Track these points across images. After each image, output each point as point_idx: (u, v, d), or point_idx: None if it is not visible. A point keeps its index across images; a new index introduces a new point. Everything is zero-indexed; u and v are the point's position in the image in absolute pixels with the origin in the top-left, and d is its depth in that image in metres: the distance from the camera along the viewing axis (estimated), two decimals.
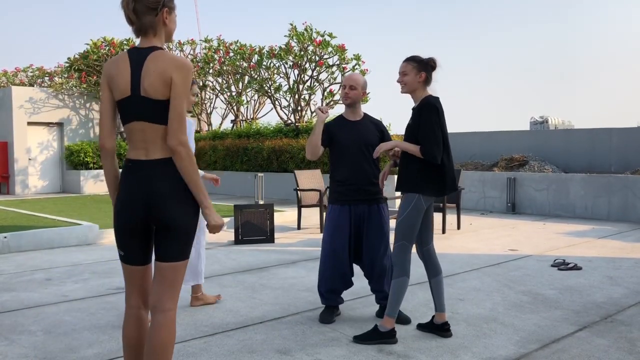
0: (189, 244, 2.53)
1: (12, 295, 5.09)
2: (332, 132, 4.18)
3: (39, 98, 17.07)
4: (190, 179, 2.45)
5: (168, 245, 2.48)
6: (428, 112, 3.61)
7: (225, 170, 16.49)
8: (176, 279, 2.52)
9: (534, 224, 9.70)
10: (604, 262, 6.34)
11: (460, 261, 6.44)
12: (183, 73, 2.43)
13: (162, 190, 2.44)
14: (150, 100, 2.43)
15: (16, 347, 3.73)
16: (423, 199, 3.68)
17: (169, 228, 2.45)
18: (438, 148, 3.59)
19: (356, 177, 4.14)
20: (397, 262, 3.71)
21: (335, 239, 4.15)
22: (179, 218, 2.45)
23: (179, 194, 2.46)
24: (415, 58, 3.73)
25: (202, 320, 4.26)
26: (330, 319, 4.17)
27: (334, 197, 4.22)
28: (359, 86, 4.16)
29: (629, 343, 3.72)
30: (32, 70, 20.28)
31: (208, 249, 7.35)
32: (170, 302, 2.51)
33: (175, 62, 2.43)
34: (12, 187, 16.69)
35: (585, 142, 12.73)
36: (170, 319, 2.50)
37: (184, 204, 2.47)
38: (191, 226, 2.51)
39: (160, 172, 2.45)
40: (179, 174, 2.46)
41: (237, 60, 18.23)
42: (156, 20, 2.52)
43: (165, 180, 2.45)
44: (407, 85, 3.74)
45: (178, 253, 2.49)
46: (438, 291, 3.87)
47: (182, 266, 2.53)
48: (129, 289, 2.62)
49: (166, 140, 2.45)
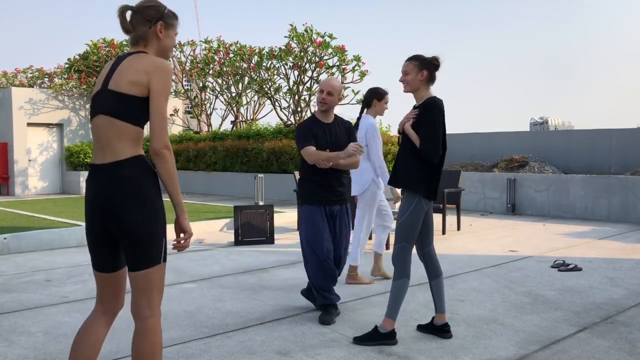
0: (157, 249, 2.44)
1: (11, 296, 5.08)
2: (313, 133, 4.27)
3: (39, 99, 17.07)
4: (172, 183, 2.41)
5: (134, 253, 2.40)
6: (433, 111, 3.62)
7: (225, 171, 16.49)
8: (150, 285, 2.44)
9: (534, 224, 9.70)
10: (604, 263, 6.34)
11: (460, 262, 6.44)
12: (164, 74, 2.39)
13: (119, 195, 2.36)
14: (118, 93, 2.38)
15: (16, 348, 3.73)
16: (424, 200, 3.68)
17: (130, 235, 2.37)
18: (437, 149, 3.60)
19: (330, 179, 4.30)
20: (397, 263, 3.70)
21: (322, 239, 4.25)
22: (139, 224, 2.37)
23: (137, 198, 2.38)
24: (417, 57, 3.73)
25: (202, 321, 4.26)
26: (330, 320, 4.17)
27: (310, 198, 4.31)
28: (336, 92, 4.28)
29: (629, 344, 3.71)
30: (32, 71, 20.28)
31: (207, 250, 7.35)
32: (147, 309, 2.44)
33: (155, 63, 2.39)
34: (12, 188, 16.68)
35: (585, 143, 12.74)
36: (149, 326, 2.44)
37: (143, 208, 2.38)
38: (154, 231, 2.42)
39: (117, 176, 2.37)
40: (137, 177, 2.38)
41: (237, 61, 18.23)
42: (149, 32, 2.50)
43: (122, 185, 2.37)
44: (408, 85, 3.75)
45: (146, 260, 2.41)
46: (438, 293, 3.87)
47: (155, 272, 2.44)
48: (97, 296, 2.58)
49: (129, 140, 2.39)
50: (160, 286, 2.49)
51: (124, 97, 2.38)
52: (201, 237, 8.43)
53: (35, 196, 16.16)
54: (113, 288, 2.56)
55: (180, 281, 5.60)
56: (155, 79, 2.37)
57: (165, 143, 2.36)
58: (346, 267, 5.85)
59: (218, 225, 9.22)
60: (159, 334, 2.46)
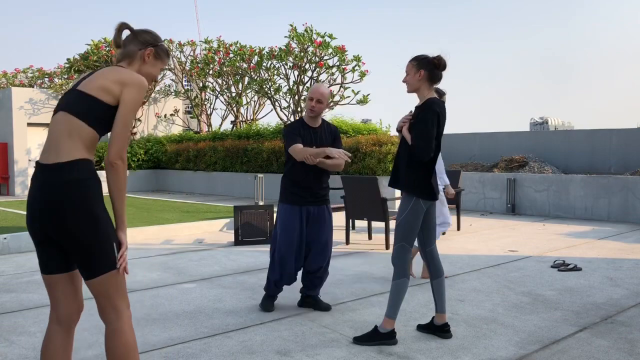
0: (106, 256, 2.33)
1: (11, 296, 5.08)
2: (300, 135, 4.37)
3: (39, 99, 17.07)
4: (120, 195, 2.35)
5: (82, 262, 2.31)
6: (428, 112, 3.61)
7: (225, 171, 16.49)
8: (107, 290, 2.36)
9: (534, 224, 9.70)
10: (604, 263, 6.34)
11: (460, 262, 6.44)
12: (137, 88, 2.37)
13: (58, 200, 2.25)
14: (84, 94, 2.34)
15: (16, 348, 3.73)
16: (422, 201, 3.68)
17: (72, 244, 2.28)
18: (428, 146, 3.58)
19: (310, 181, 4.36)
20: (397, 263, 3.70)
21: (292, 239, 4.35)
22: (79, 232, 2.26)
23: (77, 203, 2.26)
24: (417, 57, 3.73)
25: (202, 321, 4.26)
26: (270, 308, 4.51)
27: (288, 198, 4.40)
28: (325, 100, 4.38)
29: (629, 344, 3.71)
30: (32, 71, 20.29)
31: (207, 250, 7.35)
32: (111, 313, 2.39)
33: (132, 76, 2.38)
34: (12, 188, 16.68)
35: (585, 143, 12.74)
36: (118, 329, 2.38)
37: (84, 213, 2.27)
38: (98, 239, 2.30)
39: (58, 178, 2.27)
40: (78, 180, 2.29)
41: (237, 62, 18.23)
42: (137, 53, 2.53)
43: (61, 188, 2.26)
44: (408, 85, 3.75)
45: (96, 269, 2.31)
46: (439, 292, 3.88)
47: (109, 278, 2.35)
48: (51, 306, 2.49)
49: (80, 141, 2.32)
50: (121, 289, 2.40)
51: (89, 98, 2.35)
52: (201, 237, 8.43)
53: None
54: (65, 292, 2.45)
55: (180, 281, 5.60)
56: (128, 91, 2.36)
57: (120, 154, 2.32)
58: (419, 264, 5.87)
59: (218, 225, 9.23)
60: (130, 334, 2.41)
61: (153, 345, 3.75)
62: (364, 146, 12.73)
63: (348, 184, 7.64)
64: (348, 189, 7.67)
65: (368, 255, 6.93)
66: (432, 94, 3.72)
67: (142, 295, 5.07)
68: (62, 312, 2.46)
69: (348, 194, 7.71)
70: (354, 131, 14.20)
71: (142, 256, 6.97)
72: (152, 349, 3.68)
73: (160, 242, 8.06)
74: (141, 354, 3.59)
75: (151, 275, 5.89)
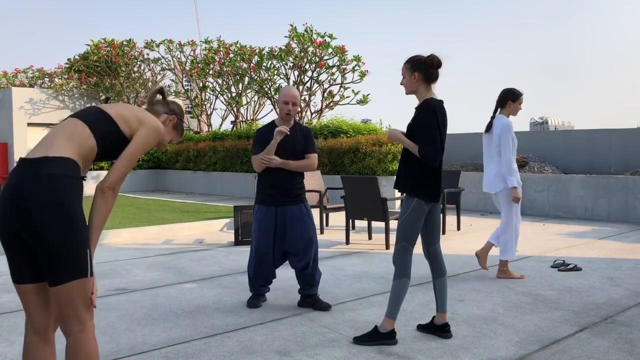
0: (77, 259, 2.17)
1: (11, 296, 5.08)
2: (269, 140, 4.47)
3: (39, 99, 17.08)
4: (99, 224, 2.29)
5: (49, 265, 2.15)
6: (427, 113, 3.61)
7: (225, 171, 16.49)
8: (73, 299, 2.19)
9: (533, 224, 9.70)
10: (604, 263, 6.34)
11: (460, 262, 6.44)
12: (154, 130, 2.46)
13: (35, 195, 2.11)
14: (103, 112, 2.40)
15: (16, 348, 3.73)
16: (424, 202, 3.68)
17: (44, 245, 2.12)
18: (435, 151, 3.58)
19: (285, 182, 4.48)
20: (397, 263, 3.70)
21: (268, 238, 4.48)
22: (52, 233, 2.11)
23: (55, 202, 2.12)
24: (410, 59, 3.72)
25: (202, 321, 4.26)
26: (257, 304, 4.62)
27: (264, 199, 4.52)
28: (298, 102, 4.54)
29: (629, 344, 3.72)
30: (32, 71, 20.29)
31: (207, 250, 7.36)
32: (75, 324, 2.21)
33: (153, 118, 2.48)
34: None
35: (585, 143, 12.74)
36: (81, 341, 2.22)
37: (59, 215, 2.12)
38: (74, 236, 2.15)
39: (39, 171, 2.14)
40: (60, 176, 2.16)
41: (237, 62, 18.23)
42: (162, 115, 2.71)
43: (41, 183, 2.13)
44: (405, 88, 3.76)
45: (63, 273, 2.15)
46: (441, 292, 3.88)
47: (76, 286, 2.18)
48: (26, 316, 2.34)
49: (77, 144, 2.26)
50: (85, 297, 2.23)
51: (106, 118, 2.37)
52: (201, 237, 8.43)
53: None
54: (39, 301, 2.30)
55: (180, 281, 5.61)
56: (144, 129, 2.43)
57: (116, 185, 2.33)
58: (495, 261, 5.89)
59: (218, 225, 9.23)
60: (93, 347, 2.25)
61: (153, 345, 3.75)
62: (364, 146, 12.73)
63: (348, 184, 7.64)
64: (348, 189, 7.67)
65: (368, 255, 6.93)
66: (431, 94, 3.72)
67: (142, 295, 5.08)
68: (36, 322, 2.32)
69: (348, 194, 7.71)
70: (354, 131, 14.20)
71: (142, 256, 6.97)
72: (152, 349, 3.68)
73: (160, 242, 8.07)
74: (141, 354, 3.60)
75: (151, 275, 5.89)
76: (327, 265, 6.34)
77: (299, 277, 4.59)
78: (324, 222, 9.45)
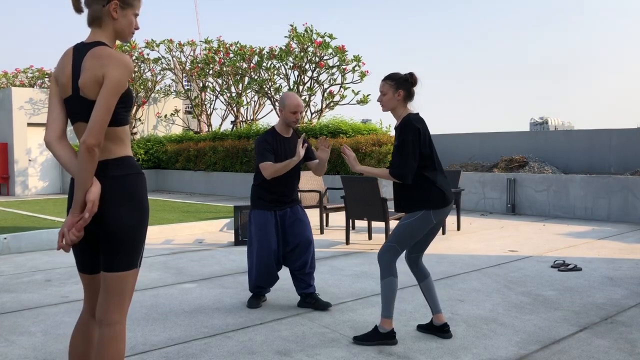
0: (136, 252, 2.31)
1: (12, 296, 5.08)
2: (273, 148, 4.51)
3: (39, 99, 17.07)
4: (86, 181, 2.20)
5: (111, 253, 2.26)
6: (404, 132, 3.60)
7: (225, 171, 16.49)
8: (123, 289, 2.30)
9: (534, 224, 9.70)
10: (604, 263, 6.34)
11: (460, 262, 6.44)
12: (119, 70, 2.19)
13: (106, 193, 2.24)
14: (87, 101, 2.24)
15: (16, 348, 3.73)
16: (433, 214, 3.65)
17: (109, 234, 2.24)
18: (405, 168, 3.56)
19: (284, 188, 4.53)
20: (383, 262, 3.67)
21: (270, 243, 4.49)
22: (119, 223, 2.24)
23: (120, 196, 2.26)
24: (393, 76, 3.72)
25: (202, 321, 4.26)
26: (257, 304, 4.63)
27: (262, 204, 4.55)
28: (302, 110, 4.60)
29: (629, 344, 3.72)
30: (32, 71, 20.30)
31: (207, 250, 7.35)
32: (117, 314, 2.29)
33: (111, 59, 2.19)
34: (12, 188, 16.68)
35: (585, 143, 12.73)
36: (117, 333, 2.29)
37: (126, 207, 2.26)
38: (136, 232, 2.28)
39: (100, 173, 2.26)
40: (122, 176, 2.28)
41: (237, 62, 18.23)
42: (102, 11, 2.30)
43: (106, 182, 2.25)
44: (385, 105, 3.75)
45: (123, 262, 2.27)
46: (430, 294, 3.87)
47: (130, 276, 2.31)
48: (84, 298, 2.48)
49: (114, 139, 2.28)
50: (131, 291, 2.34)
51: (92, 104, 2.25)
52: (201, 237, 8.43)
53: (35, 196, 16.16)
54: (95, 291, 2.44)
55: (180, 281, 5.61)
56: (110, 70, 2.18)
57: (98, 141, 2.16)
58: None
59: (218, 225, 9.23)
60: (124, 342, 2.32)
61: (153, 345, 3.75)
62: (364, 146, 12.73)
63: (348, 184, 7.64)
64: (348, 189, 7.67)
65: (368, 255, 6.93)
66: (407, 111, 3.72)
67: (142, 295, 5.08)
68: (93, 308, 2.44)
69: (348, 194, 7.71)
70: (354, 131, 14.19)
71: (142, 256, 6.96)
72: (152, 349, 3.68)
73: (160, 242, 8.07)
74: (141, 354, 3.59)
75: (151, 275, 5.89)
76: (327, 265, 6.34)
77: (294, 277, 4.61)
78: (324, 222, 9.45)
